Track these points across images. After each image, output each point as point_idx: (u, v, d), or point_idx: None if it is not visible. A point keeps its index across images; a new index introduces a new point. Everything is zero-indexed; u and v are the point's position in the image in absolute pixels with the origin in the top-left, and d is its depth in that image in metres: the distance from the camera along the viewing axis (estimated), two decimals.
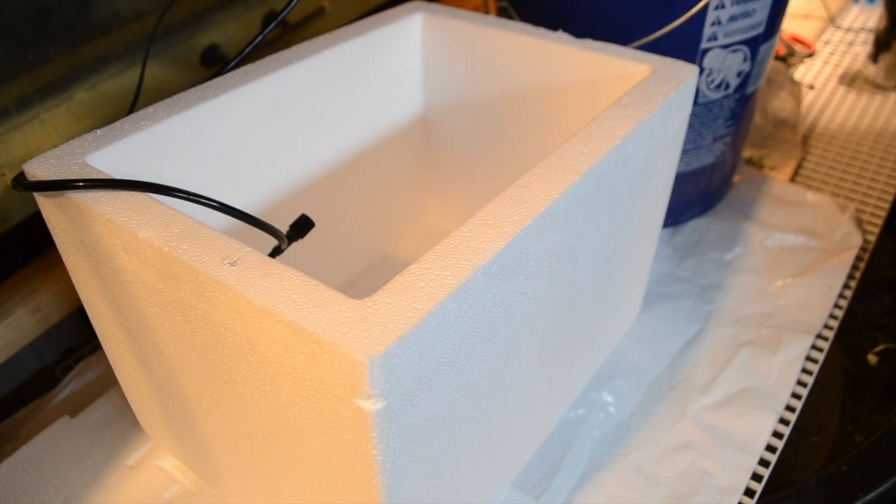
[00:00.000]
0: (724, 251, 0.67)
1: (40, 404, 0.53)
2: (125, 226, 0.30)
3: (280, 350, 0.27)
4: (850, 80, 0.97)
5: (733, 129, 0.64)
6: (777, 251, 0.66)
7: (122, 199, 0.32)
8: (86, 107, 0.56)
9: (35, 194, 0.35)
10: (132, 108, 0.50)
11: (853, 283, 0.63)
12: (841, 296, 0.62)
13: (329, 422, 0.28)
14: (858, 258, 0.66)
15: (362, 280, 0.60)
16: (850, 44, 1.06)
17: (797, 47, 1.01)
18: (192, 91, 0.41)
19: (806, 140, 0.84)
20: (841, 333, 0.59)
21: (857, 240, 0.67)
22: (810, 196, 0.73)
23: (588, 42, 0.48)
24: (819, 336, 0.58)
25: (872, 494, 0.46)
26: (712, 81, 0.58)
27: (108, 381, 0.53)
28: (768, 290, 0.62)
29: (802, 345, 0.57)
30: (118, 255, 0.32)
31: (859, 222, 0.70)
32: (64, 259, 0.38)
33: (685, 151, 0.62)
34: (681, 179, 0.63)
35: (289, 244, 0.37)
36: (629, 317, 0.58)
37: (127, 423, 0.49)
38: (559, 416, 0.50)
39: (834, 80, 0.97)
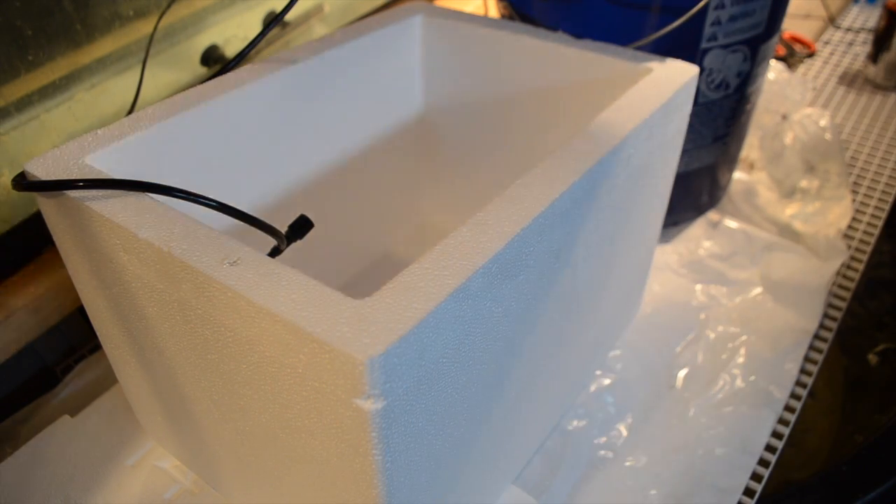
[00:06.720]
0: (723, 251, 0.67)
1: (40, 404, 0.53)
2: (125, 226, 0.30)
3: (280, 350, 0.27)
4: (850, 80, 0.97)
5: (733, 129, 0.64)
6: (776, 250, 0.66)
7: (122, 199, 0.32)
8: (86, 107, 0.56)
9: (35, 194, 0.35)
10: (132, 108, 0.50)
11: (851, 282, 0.63)
12: (839, 296, 0.62)
13: (329, 422, 0.28)
14: (853, 258, 0.66)
15: (362, 280, 0.60)
16: (850, 44, 1.06)
17: (797, 47, 1.01)
18: (192, 91, 0.41)
19: None
20: (841, 333, 0.58)
21: (851, 239, 0.67)
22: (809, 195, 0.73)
23: (588, 42, 0.48)
24: (819, 336, 0.58)
25: (872, 494, 0.46)
26: (712, 81, 0.58)
27: (108, 381, 0.53)
28: (767, 290, 0.62)
29: (801, 344, 0.57)
30: (118, 255, 0.33)
31: (854, 221, 0.70)
32: (64, 259, 0.38)
33: (685, 151, 0.62)
34: (681, 179, 0.63)
35: (288, 244, 0.37)
36: (629, 316, 0.58)
37: (127, 423, 0.49)
38: (559, 416, 0.51)
39: (834, 80, 0.97)
